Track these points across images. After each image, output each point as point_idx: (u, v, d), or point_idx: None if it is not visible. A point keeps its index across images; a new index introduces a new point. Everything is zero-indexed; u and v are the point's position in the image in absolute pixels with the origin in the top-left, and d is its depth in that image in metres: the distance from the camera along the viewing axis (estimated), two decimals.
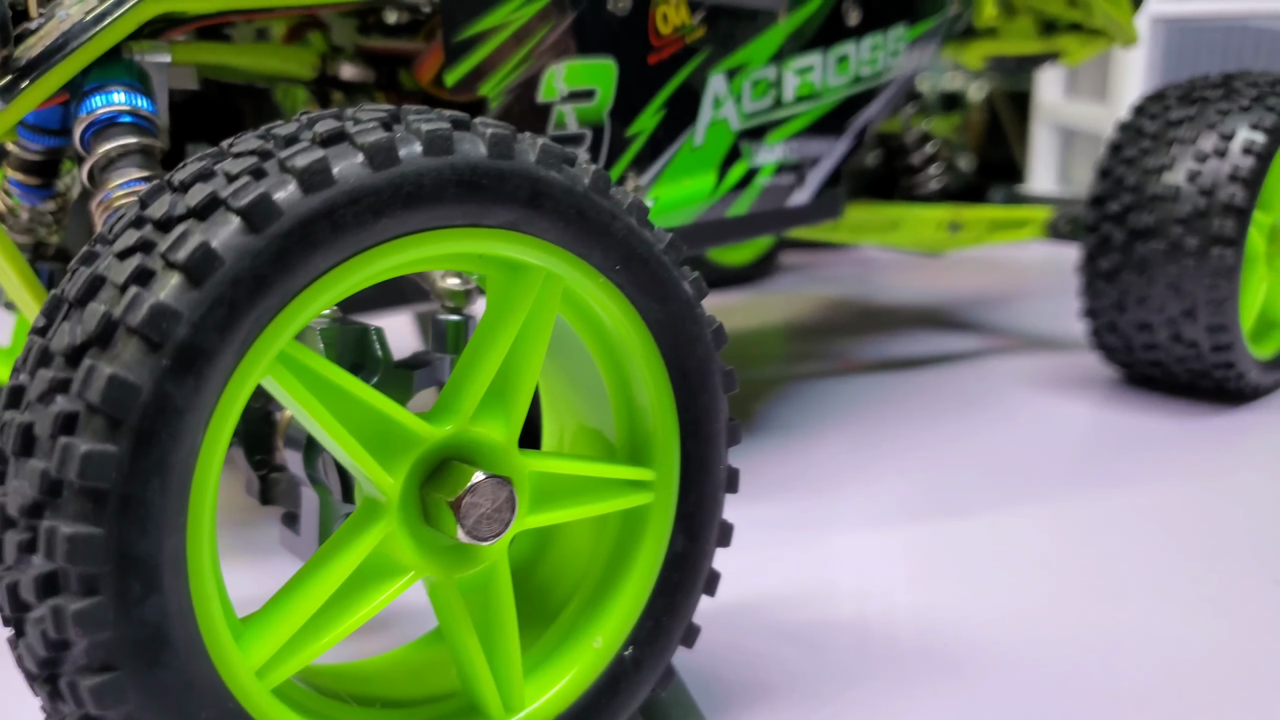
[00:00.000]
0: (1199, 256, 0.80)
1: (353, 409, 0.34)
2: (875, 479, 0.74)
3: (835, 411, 0.89)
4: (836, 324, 1.21)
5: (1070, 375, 0.97)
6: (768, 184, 0.70)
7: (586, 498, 0.40)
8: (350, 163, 0.31)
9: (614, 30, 0.59)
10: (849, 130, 0.76)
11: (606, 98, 0.59)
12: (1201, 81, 0.88)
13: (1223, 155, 0.81)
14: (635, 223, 0.38)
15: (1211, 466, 0.75)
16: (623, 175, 0.61)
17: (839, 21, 0.73)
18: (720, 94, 0.66)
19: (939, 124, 1.15)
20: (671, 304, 0.40)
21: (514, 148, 0.35)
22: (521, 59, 0.57)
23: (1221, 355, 0.84)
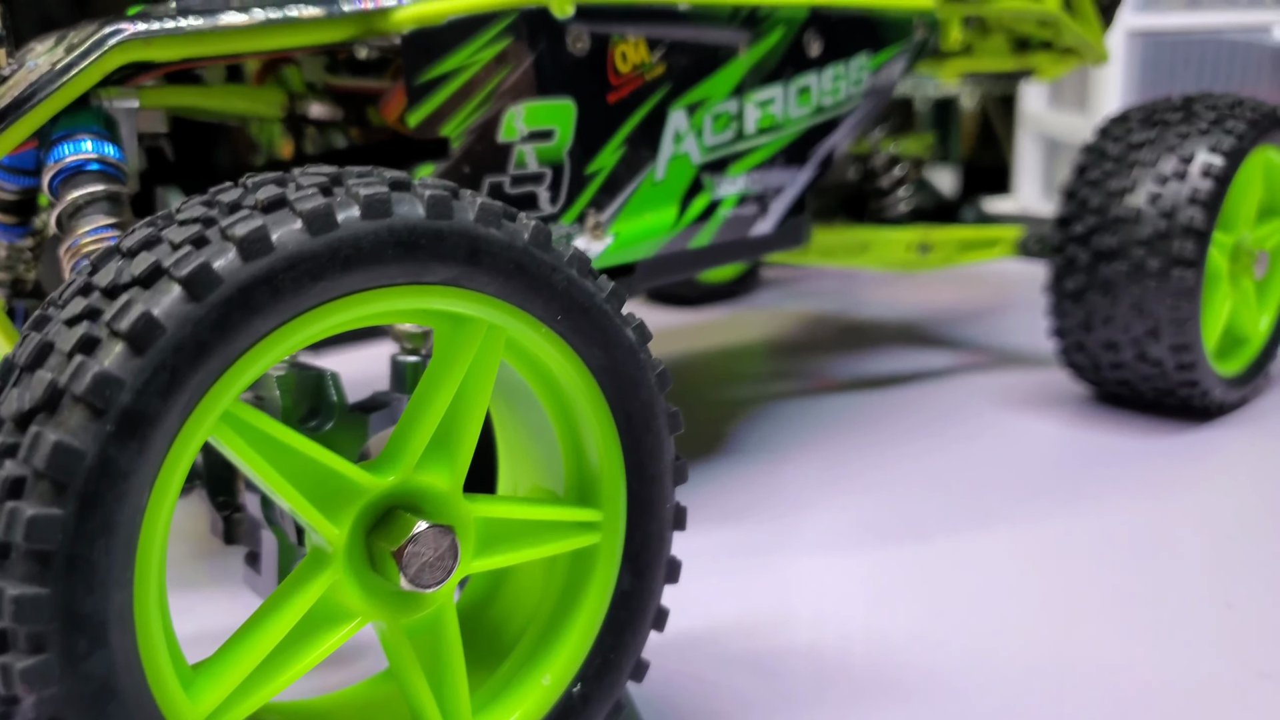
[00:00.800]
0: (1160, 278, 0.81)
1: (296, 463, 0.35)
2: (841, 501, 0.75)
3: (808, 432, 0.90)
4: (814, 341, 1.22)
5: (1041, 392, 0.98)
6: (730, 215, 0.72)
7: (533, 540, 0.42)
8: (289, 229, 0.33)
9: (572, 71, 0.61)
10: (812, 160, 0.77)
11: (565, 137, 0.61)
12: (1163, 104, 0.89)
13: (1182, 178, 0.82)
14: (576, 274, 0.40)
15: (1173, 486, 0.77)
16: (583, 212, 0.62)
17: (800, 53, 0.74)
18: (681, 129, 0.67)
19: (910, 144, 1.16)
20: (614, 350, 0.41)
21: (452, 207, 0.36)
22: (481, 100, 0.59)
23: (1185, 374, 0.85)
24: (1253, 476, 0.78)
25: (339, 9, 0.57)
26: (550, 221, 0.61)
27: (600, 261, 0.63)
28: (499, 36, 0.58)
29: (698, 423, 0.94)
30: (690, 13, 0.67)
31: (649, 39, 0.65)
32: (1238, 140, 0.83)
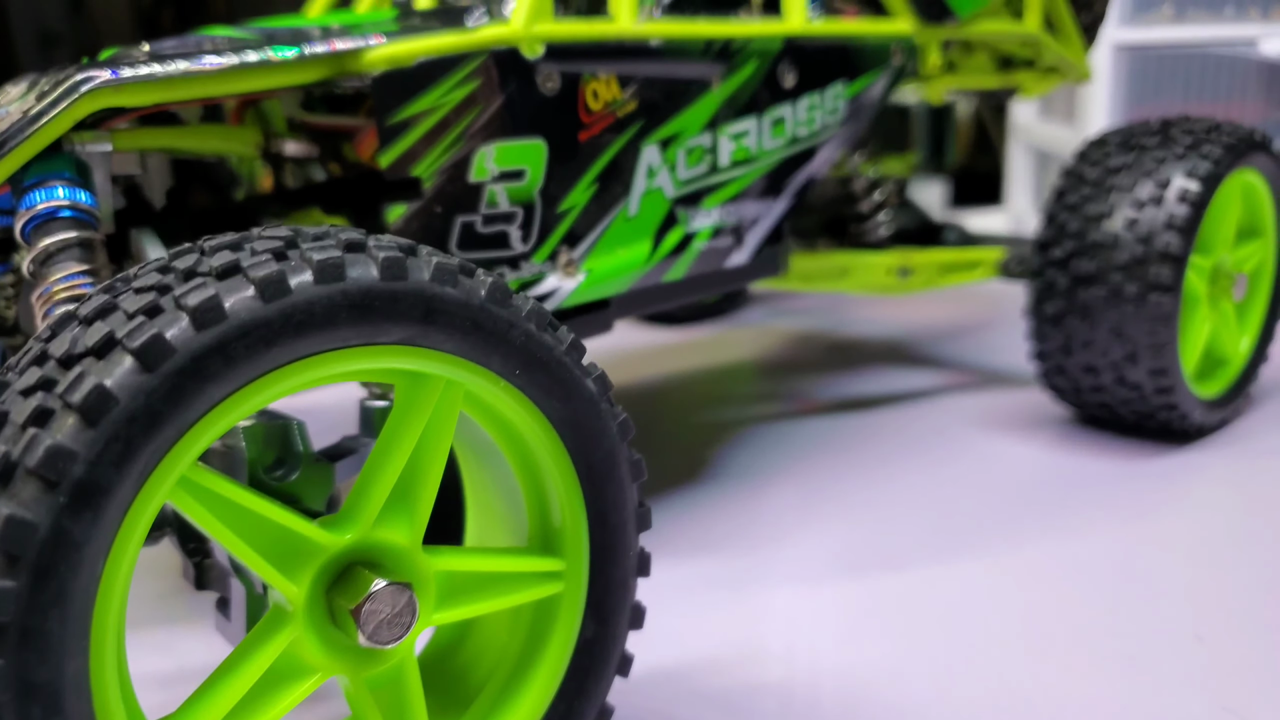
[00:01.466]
0: (1138, 303, 0.82)
1: (254, 524, 0.36)
2: (818, 531, 0.75)
3: (789, 456, 0.90)
4: (799, 360, 1.22)
5: (1023, 413, 0.98)
6: (705, 247, 0.72)
7: (496, 591, 0.42)
8: (242, 297, 0.33)
9: (543, 110, 0.61)
10: (788, 190, 0.77)
11: (537, 177, 0.61)
12: (1140, 128, 0.90)
13: (1159, 203, 0.82)
14: (534, 328, 0.40)
15: (1148, 512, 0.77)
16: (555, 250, 0.63)
17: (773, 85, 0.74)
18: (654, 164, 0.68)
19: (892, 164, 1.16)
20: (574, 402, 0.42)
21: (406, 268, 0.37)
22: (452, 141, 0.59)
23: (1164, 398, 0.85)
24: (1228, 503, 0.79)
25: (311, 51, 0.58)
26: (522, 260, 0.62)
27: (573, 298, 0.64)
28: (469, 78, 0.59)
29: (682, 447, 0.94)
30: (662, 48, 0.67)
31: (620, 76, 0.65)
32: (1214, 165, 0.83)
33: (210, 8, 2.80)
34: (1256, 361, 0.96)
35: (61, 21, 2.81)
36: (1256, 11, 1.49)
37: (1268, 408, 0.98)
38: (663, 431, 0.99)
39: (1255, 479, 0.82)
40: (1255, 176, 0.91)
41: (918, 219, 1.14)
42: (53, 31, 2.78)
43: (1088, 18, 1.18)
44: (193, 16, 2.75)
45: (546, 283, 0.62)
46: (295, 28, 0.65)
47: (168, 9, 2.78)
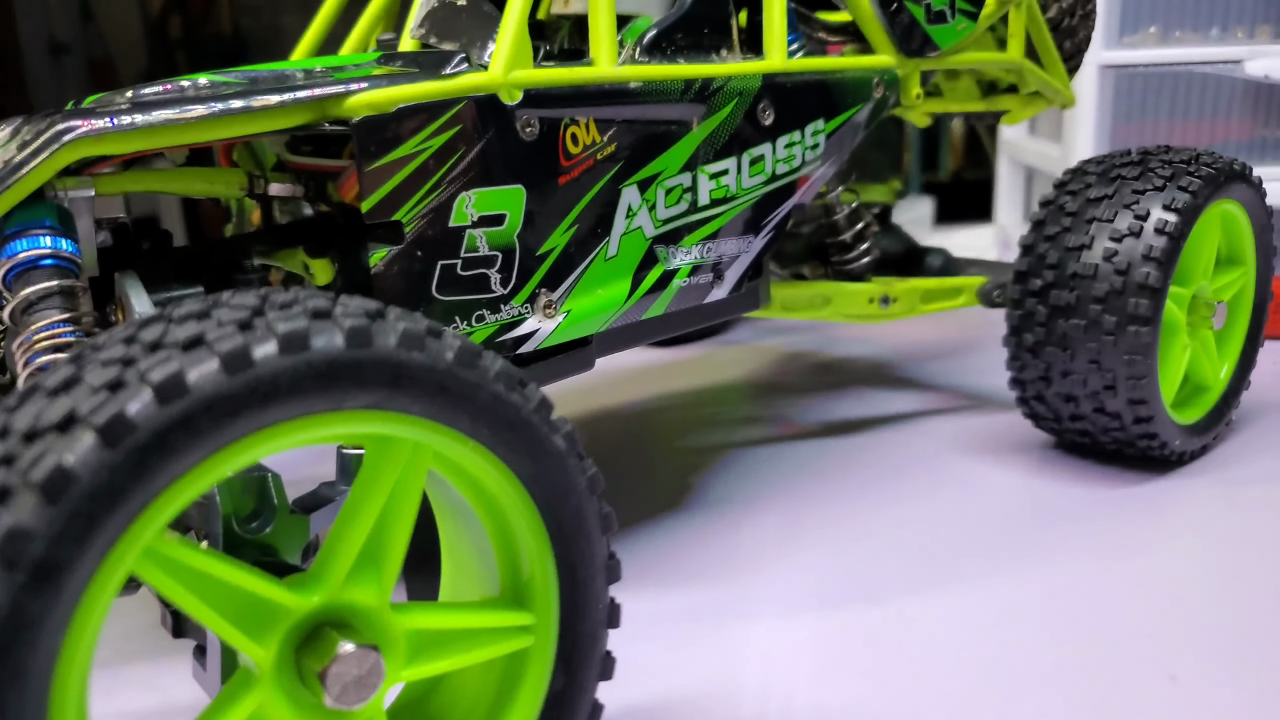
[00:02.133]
0: (1116, 334, 0.82)
1: (220, 591, 0.36)
2: (798, 562, 0.76)
3: (771, 483, 0.91)
4: (785, 382, 1.23)
5: (1005, 437, 0.99)
6: (685, 284, 0.73)
7: (465, 646, 0.43)
8: (206, 370, 0.34)
9: (522, 156, 0.62)
10: (767, 226, 0.78)
11: (516, 221, 0.62)
12: (1120, 157, 0.90)
13: (1138, 235, 0.83)
14: (502, 389, 0.41)
15: (1127, 544, 0.77)
16: (534, 292, 0.63)
17: (753, 124, 0.75)
18: (633, 205, 0.68)
19: (875, 191, 1.17)
20: (542, 460, 0.42)
21: (372, 335, 0.37)
22: (432, 187, 0.60)
23: (1143, 427, 0.86)
24: (1206, 533, 0.79)
25: (294, 97, 0.59)
26: (502, 302, 0.62)
27: (553, 339, 0.64)
28: (448, 124, 0.60)
29: (665, 473, 0.95)
30: (641, 91, 0.68)
31: (599, 120, 0.66)
32: (1192, 197, 0.84)
33: (217, 17, 2.81)
34: (1236, 388, 0.96)
35: (70, 31, 2.81)
36: (1242, 32, 1.50)
37: (1248, 433, 0.99)
38: (650, 456, 1.00)
39: (1234, 508, 0.83)
40: (1234, 206, 0.91)
41: (903, 243, 1.14)
42: (62, 41, 2.79)
43: (1071, 45, 1.19)
44: (201, 25, 2.77)
45: (526, 324, 0.63)
46: (280, 71, 0.65)
47: (175, 18, 2.79)
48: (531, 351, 0.64)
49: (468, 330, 0.62)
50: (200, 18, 2.77)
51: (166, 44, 2.75)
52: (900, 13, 0.89)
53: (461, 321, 0.62)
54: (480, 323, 0.62)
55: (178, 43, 2.78)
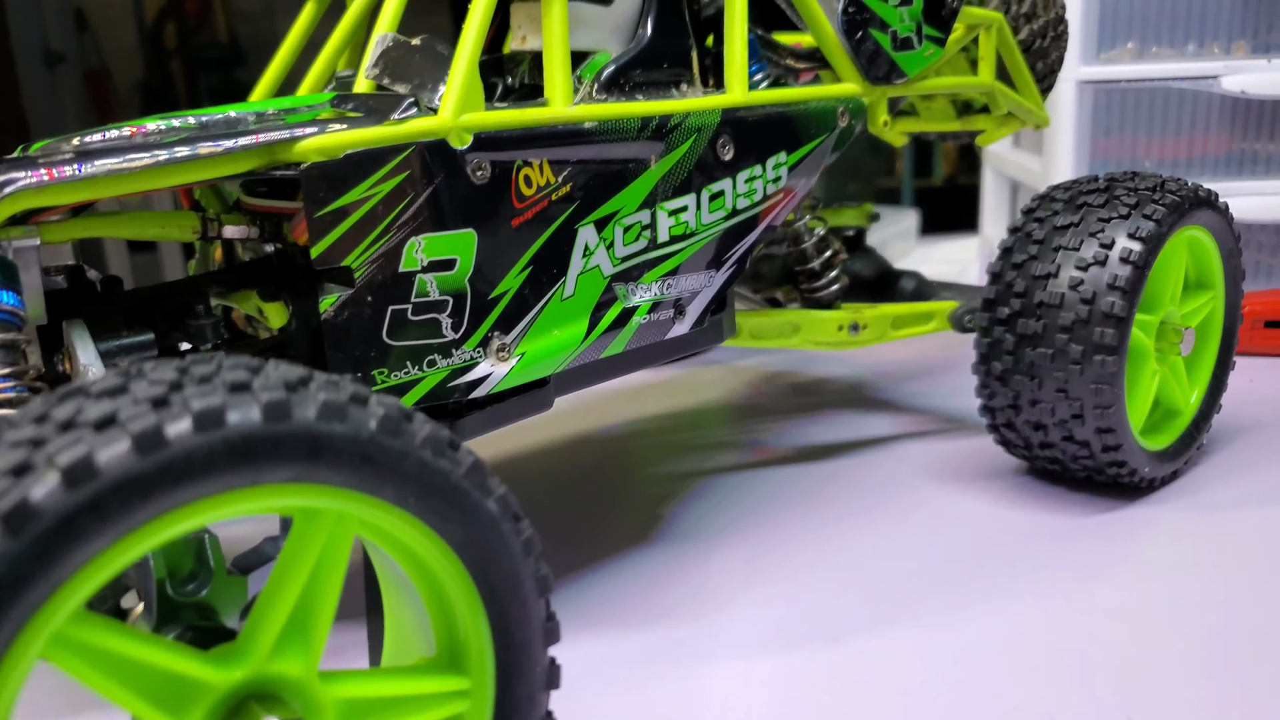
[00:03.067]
0: (1083, 363, 0.82)
1: (137, 672, 0.36)
2: (763, 597, 0.76)
3: (742, 513, 0.90)
4: (763, 404, 1.23)
5: (978, 462, 0.98)
6: (645, 321, 0.72)
7: (400, 713, 0.42)
8: (117, 451, 0.33)
9: (473, 199, 0.61)
10: (729, 260, 0.77)
11: (467, 265, 0.61)
12: (1087, 185, 0.90)
13: (1103, 264, 0.83)
14: (429, 456, 0.40)
15: (1095, 575, 0.77)
16: (487, 336, 0.63)
17: (713, 159, 0.75)
18: (590, 243, 0.68)
19: (848, 215, 1.17)
20: (473, 525, 0.42)
21: (291, 408, 0.37)
22: (381, 232, 0.59)
23: (1112, 455, 0.86)
24: (1173, 564, 0.78)
25: (241, 144, 0.58)
26: (454, 347, 0.62)
27: (506, 382, 0.64)
28: (396, 170, 0.59)
29: (636, 503, 0.94)
30: (597, 131, 0.67)
31: (554, 160, 0.65)
32: (1157, 225, 0.84)
33: (212, 24, 2.80)
34: (1207, 413, 0.96)
35: (65, 40, 2.81)
36: (1219, 48, 1.50)
37: (1220, 456, 0.98)
38: (622, 485, 1.00)
39: (1202, 536, 0.83)
40: (1201, 232, 0.91)
41: (877, 266, 1.14)
42: (56, 51, 2.78)
43: (1044, 66, 1.19)
44: (196, 33, 2.76)
45: (479, 369, 0.63)
46: (231, 115, 0.65)
47: (171, 26, 2.79)
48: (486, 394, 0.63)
49: (419, 375, 0.61)
50: (196, 25, 2.77)
51: (162, 52, 2.75)
52: (865, 41, 0.89)
53: (413, 367, 0.61)
54: (432, 368, 0.61)
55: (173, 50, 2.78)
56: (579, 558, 0.83)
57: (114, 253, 1.86)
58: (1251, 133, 1.55)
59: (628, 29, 0.76)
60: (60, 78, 2.84)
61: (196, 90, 2.77)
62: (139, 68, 2.79)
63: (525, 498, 0.98)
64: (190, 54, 2.74)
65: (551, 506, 0.95)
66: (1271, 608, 0.71)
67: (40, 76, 2.80)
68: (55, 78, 2.84)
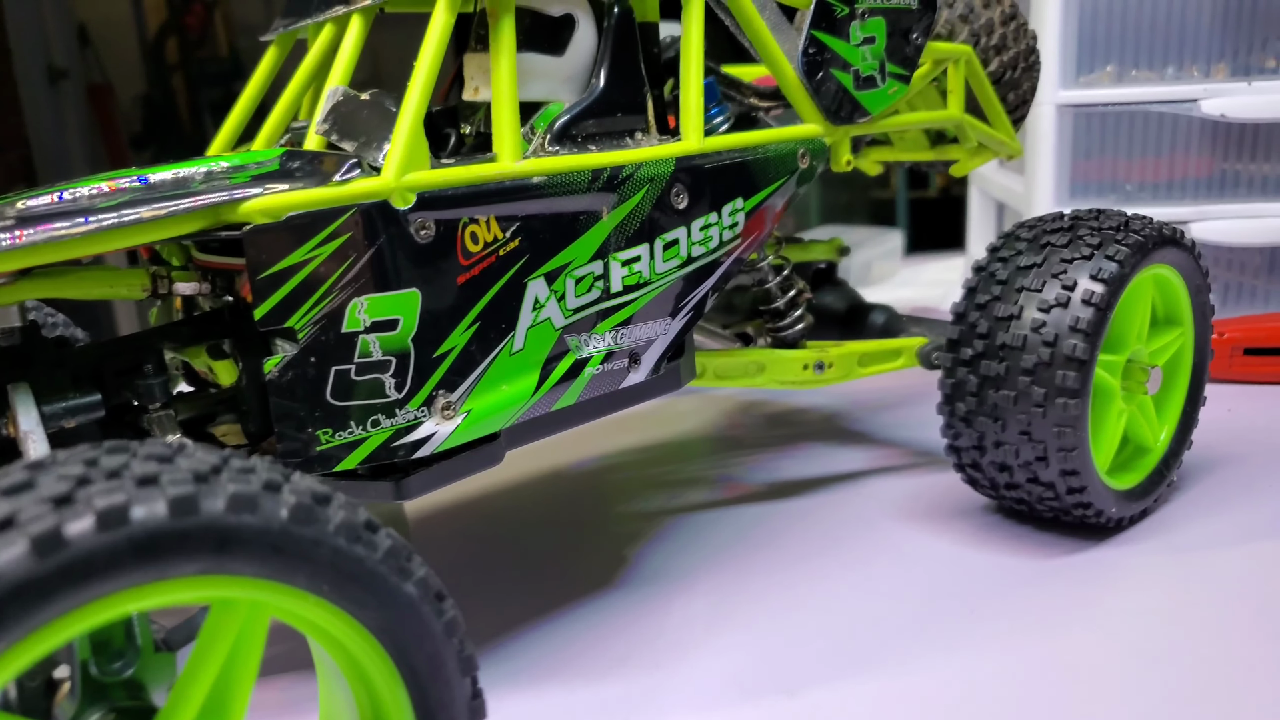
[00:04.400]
0: (1046, 407, 0.82)
1: None
2: (722, 646, 0.75)
3: (707, 554, 0.90)
4: (738, 436, 1.22)
5: (949, 499, 0.98)
6: (598, 372, 0.72)
7: None
8: (15, 554, 0.33)
9: (417, 258, 0.61)
10: (685, 308, 0.77)
11: (410, 325, 0.61)
12: (1051, 223, 0.90)
13: (1065, 306, 0.82)
14: (344, 543, 0.40)
15: (1056, 622, 0.76)
16: (431, 395, 0.63)
17: (666, 209, 0.75)
18: (540, 297, 0.68)
19: (818, 249, 1.16)
20: (392, 610, 0.42)
21: (198, 502, 0.37)
22: (324, 294, 0.59)
23: (1077, 497, 0.85)
24: (1135, 611, 0.78)
25: (185, 206, 0.58)
26: (397, 407, 0.62)
27: (451, 441, 0.64)
28: (338, 231, 0.59)
29: (603, 545, 0.94)
30: (547, 184, 0.68)
31: (501, 217, 0.65)
32: (1119, 266, 0.83)
33: (214, 39, 2.82)
34: (1177, 450, 0.96)
35: (68, 57, 2.82)
36: (1198, 70, 1.50)
37: (1192, 493, 0.98)
38: (589, 526, 0.99)
39: (1168, 579, 0.82)
40: (1168, 270, 0.91)
41: (847, 300, 1.14)
42: (60, 67, 2.79)
43: (1015, 97, 1.19)
44: (198, 47, 2.78)
45: (422, 428, 0.62)
46: (180, 175, 0.65)
47: (173, 40, 2.81)
48: (432, 453, 0.63)
49: (363, 435, 0.61)
50: (197, 40, 2.79)
51: (164, 67, 2.76)
52: (827, 81, 0.89)
53: (357, 427, 0.61)
54: (376, 428, 0.61)
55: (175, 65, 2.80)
56: (538, 604, 0.83)
57: None
58: (1234, 154, 1.55)
59: (581, 78, 0.76)
60: (63, 93, 2.86)
61: (198, 104, 2.78)
62: (141, 83, 2.81)
63: (490, 540, 0.98)
64: (192, 68, 2.75)
65: (516, 549, 0.95)
66: (1233, 658, 0.71)
67: (43, 92, 2.81)
68: (58, 94, 2.85)
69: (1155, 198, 1.58)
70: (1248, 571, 0.83)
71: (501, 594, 0.86)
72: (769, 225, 0.85)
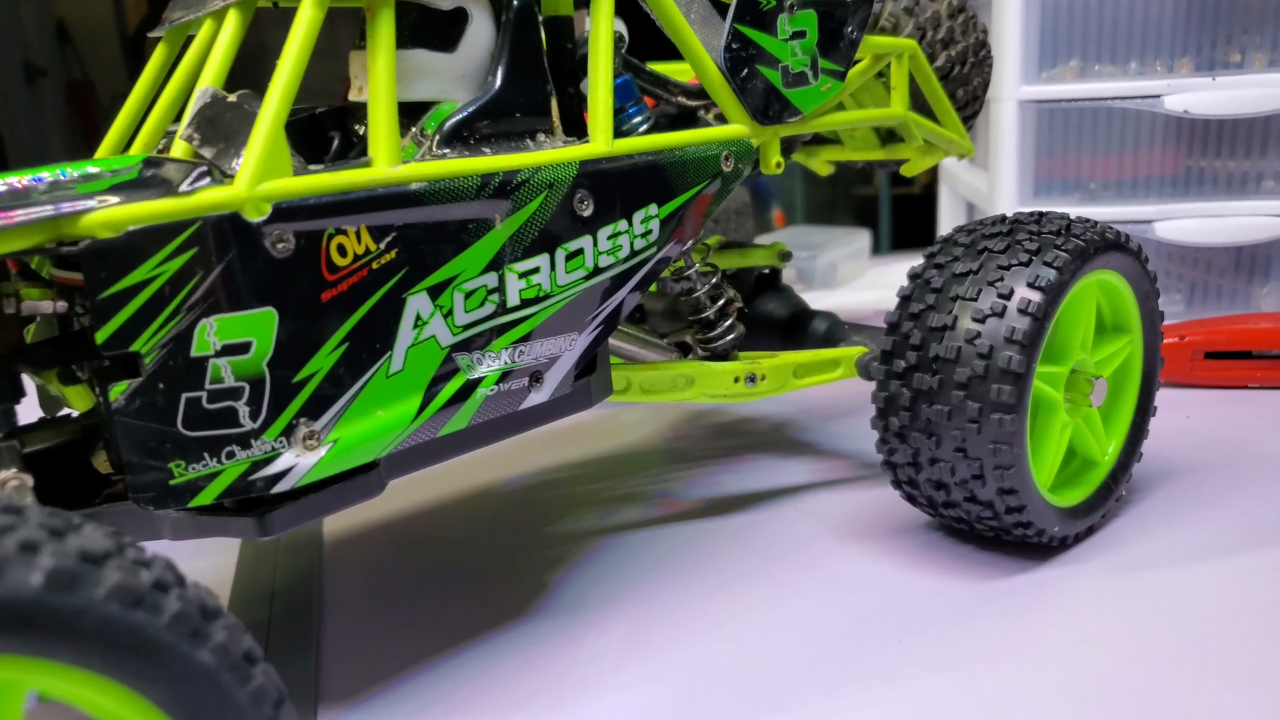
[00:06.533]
0: (981, 422, 0.77)
1: None
2: (629, 683, 0.70)
3: (632, 580, 0.85)
4: (681, 448, 1.18)
5: (888, 516, 0.94)
6: (492, 393, 0.67)
7: None
8: None
9: (273, 275, 0.56)
10: (594, 321, 0.72)
11: (265, 348, 0.56)
12: (990, 227, 0.85)
13: (1001, 315, 0.78)
14: (116, 610, 0.35)
15: (987, 653, 0.72)
16: (291, 423, 0.58)
17: (568, 216, 0.70)
18: (424, 313, 0.63)
19: (758, 255, 1.12)
20: (183, 681, 0.37)
21: None
22: (170, 315, 0.54)
23: (1016, 516, 0.81)
24: (1071, 641, 0.73)
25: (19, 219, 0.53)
26: (252, 438, 0.57)
27: (314, 474, 0.59)
28: (183, 246, 0.54)
29: (525, 570, 0.89)
30: (428, 191, 0.62)
31: (374, 227, 0.60)
32: (1058, 273, 0.79)
33: None
34: (1126, 464, 0.91)
35: (47, 55, 2.76)
36: (1161, 65, 1.46)
37: (1142, 507, 0.93)
38: (513, 549, 0.94)
39: (1109, 604, 0.77)
40: (1113, 276, 0.86)
41: (790, 307, 1.09)
42: (38, 65, 2.73)
43: (965, 93, 1.15)
44: None
45: (281, 460, 0.57)
46: (20, 184, 0.59)
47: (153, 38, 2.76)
48: (294, 486, 0.58)
49: (218, 468, 0.56)
50: None
51: (144, 63, 2.71)
52: (753, 79, 0.84)
53: (211, 459, 0.56)
54: (231, 460, 0.56)
55: None
56: (442, 637, 0.78)
57: None
58: (1199, 151, 1.50)
59: (477, 77, 0.71)
60: (42, 92, 2.79)
61: None
62: (121, 80, 2.74)
63: (405, 565, 0.92)
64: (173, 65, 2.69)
65: (430, 574, 0.90)
66: (1163, 693, 0.66)
67: (20, 90, 2.75)
68: (37, 92, 2.79)
69: (1120, 196, 1.53)
70: (1189, 595, 0.78)
71: (403, 625, 0.81)
72: (690, 233, 0.80)
